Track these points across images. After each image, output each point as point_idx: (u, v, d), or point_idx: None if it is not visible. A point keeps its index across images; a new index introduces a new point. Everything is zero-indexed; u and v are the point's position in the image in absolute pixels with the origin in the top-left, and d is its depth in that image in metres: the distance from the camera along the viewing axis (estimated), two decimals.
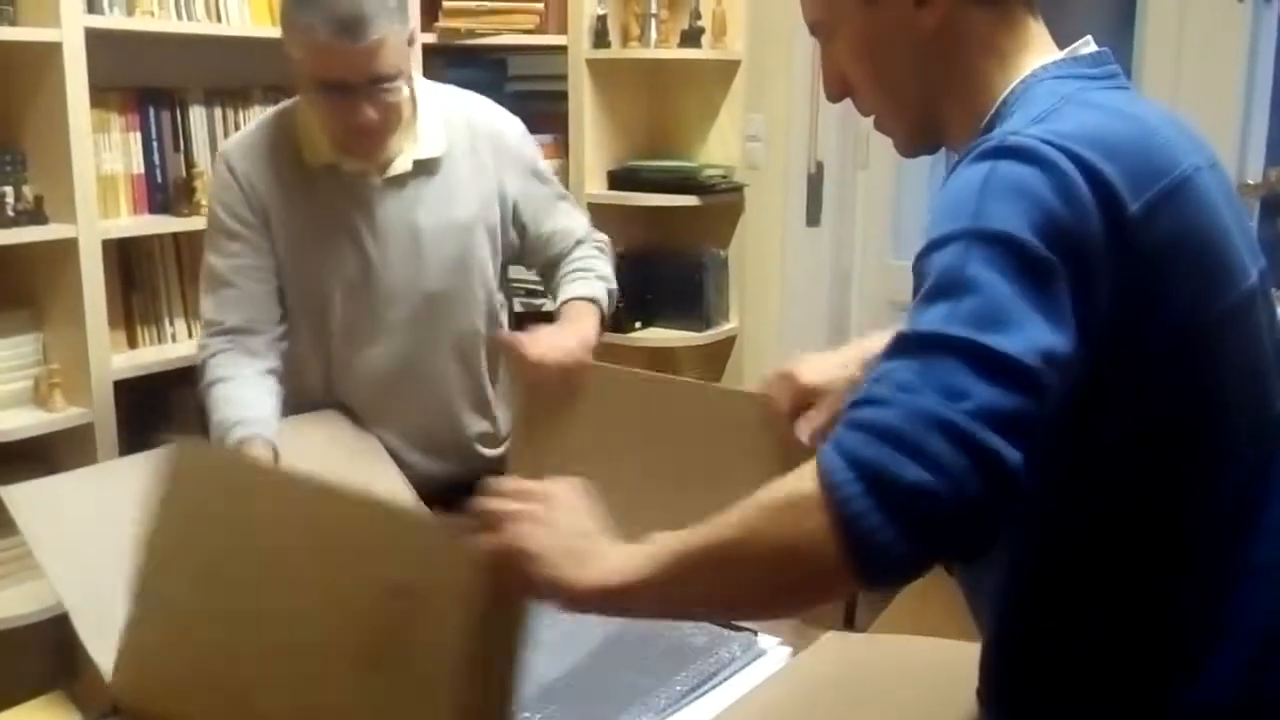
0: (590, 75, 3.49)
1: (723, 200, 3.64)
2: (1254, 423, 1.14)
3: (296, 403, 2.09)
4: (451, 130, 2.11)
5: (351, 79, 1.88)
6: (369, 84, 1.90)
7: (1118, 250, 1.03)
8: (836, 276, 3.95)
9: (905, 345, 0.99)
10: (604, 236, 2.33)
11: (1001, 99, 1.18)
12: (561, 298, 2.17)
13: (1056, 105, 1.11)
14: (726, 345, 3.79)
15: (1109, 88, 1.18)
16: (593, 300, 2.15)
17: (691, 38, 3.55)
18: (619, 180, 3.60)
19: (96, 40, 2.48)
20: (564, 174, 3.56)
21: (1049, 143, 1.04)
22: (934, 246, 1.04)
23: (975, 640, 1.25)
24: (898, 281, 4.00)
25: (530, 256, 2.27)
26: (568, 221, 2.26)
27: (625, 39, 3.57)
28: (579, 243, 2.26)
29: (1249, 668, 1.11)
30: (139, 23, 2.65)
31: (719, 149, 3.71)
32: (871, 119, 1.30)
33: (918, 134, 1.27)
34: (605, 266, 2.26)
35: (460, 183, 2.11)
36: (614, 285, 2.24)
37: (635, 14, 3.56)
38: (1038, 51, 1.20)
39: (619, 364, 3.62)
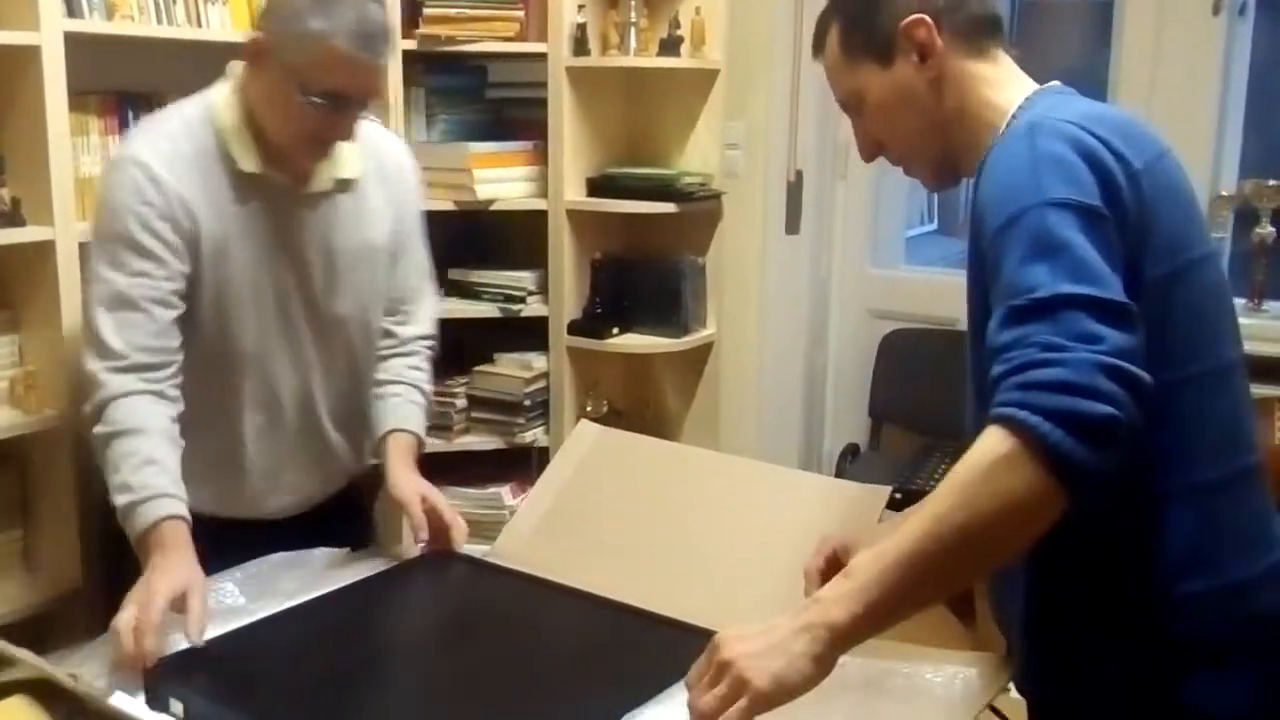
0: (570, 83, 3.50)
1: (701, 208, 3.65)
2: (1230, 351, 1.43)
3: (195, 423, 1.94)
4: (365, 155, 2.09)
5: (351, 92, 1.88)
6: (360, 101, 1.91)
7: (1131, 197, 1.32)
8: (815, 284, 3.97)
9: (1029, 310, 1.22)
10: (435, 331, 2.28)
11: (1011, 113, 1.46)
12: (395, 423, 2.12)
13: (1060, 103, 1.43)
14: (704, 352, 3.81)
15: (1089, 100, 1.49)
16: (419, 441, 2.14)
17: (670, 46, 3.57)
18: (598, 187, 3.60)
19: (75, 44, 2.48)
20: (543, 181, 3.57)
21: (1070, 121, 1.34)
22: (1013, 220, 1.28)
23: (933, 634, 1.31)
24: (876, 289, 4.03)
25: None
26: (423, 279, 2.24)
27: (605, 47, 3.58)
28: (419, 324, 2.23)
29: (1249, 553, 1.40)
30: (118, 27, 2.65)
31: (697, 157, 3.72)
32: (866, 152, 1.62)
33: (941, 170, 1.58)
34: (429, 383, 2.22)
35: (373, 207, 2.10)
36: (430, 402, 2.22)
37: (615, 22, 3.57)
38: (1023, 78, 1.53)
39: (596, 370, 3.67)
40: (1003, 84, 1.51)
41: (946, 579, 1.24)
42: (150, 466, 1.79)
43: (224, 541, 1.83)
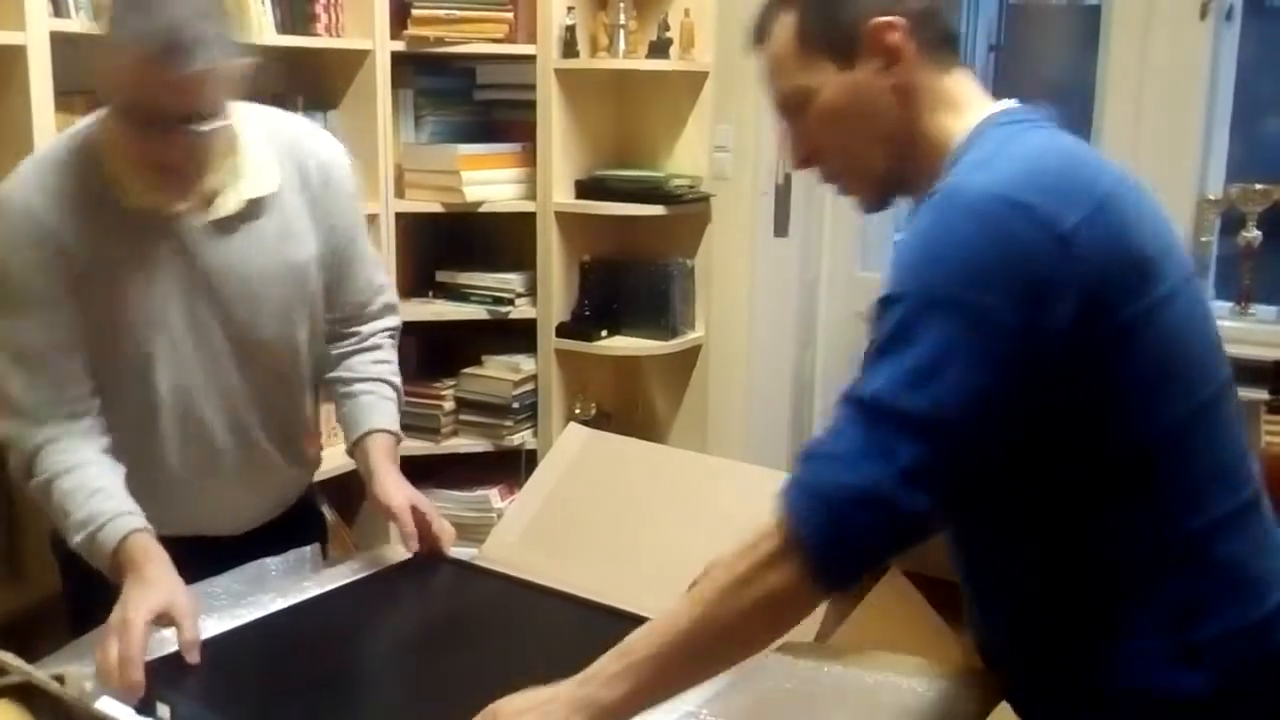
0: (559, 85, 3.50)
1: (689, 210, 3.66)
2: (1212, 388, 1.33)
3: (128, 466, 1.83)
4: (282, 161, 1.88)
5: (163, 109, 1.63)
6: (180, 120, 1.65)
7: (1067, 260, 1.21)
8: (803, 287, 3.97)
9: (852, 400, 1.24)
10: (398, 320, 2.17)
11: (959, 143, 1.37)
12: (372, 423, 2.03)
13: (997, 149, 1.31)
14: (692, 354, 3.80)
15: (1038, 128, 1.38)
16: (397, 439, 2.06)
17: (659, 48, 3.57)
18: (586, 190, 3.60)
19: (61, 44, 2.47)
20: (531, 183, 3.57)
21: (988, 192, 1.23)
22: (888, 301, 1.25)
23: (927, 647, 1.30)
24: (864, 292, 4.02)
25: (328, 298, 2.04)
26: (374, 274, 2.10)
27: (594, 49, 3.58)
28: (381, 318, 2.12)
29: (1259, 590, 1.33)
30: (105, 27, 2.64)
31: (686, 159, 3.72)
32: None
33: (880, 191, 1.48)
34: (396, 374, 2.12)
35: (294, 220, 1.90)
36: (401, 395, 2.12)
37: (604, 24, 3.57)
38: (980, 100, 1.42)
39: (585, 373, 3.66)
40: (962, 106, 1.40)
41: (714, 663, 1.32)
42: (96, 495, 1.71)
43: (184, 558, 1.72)
